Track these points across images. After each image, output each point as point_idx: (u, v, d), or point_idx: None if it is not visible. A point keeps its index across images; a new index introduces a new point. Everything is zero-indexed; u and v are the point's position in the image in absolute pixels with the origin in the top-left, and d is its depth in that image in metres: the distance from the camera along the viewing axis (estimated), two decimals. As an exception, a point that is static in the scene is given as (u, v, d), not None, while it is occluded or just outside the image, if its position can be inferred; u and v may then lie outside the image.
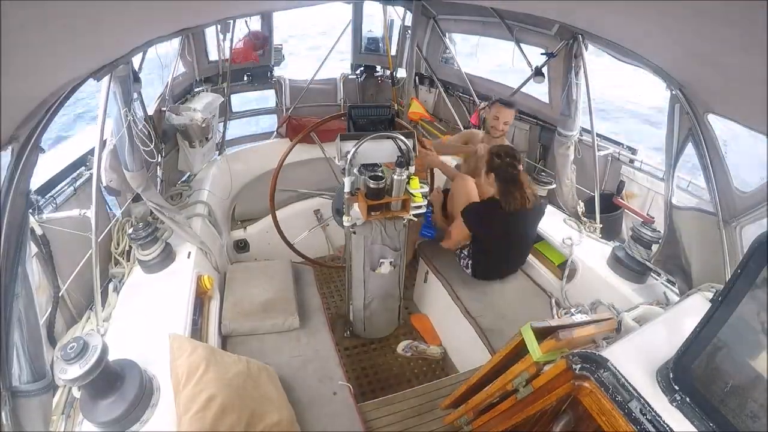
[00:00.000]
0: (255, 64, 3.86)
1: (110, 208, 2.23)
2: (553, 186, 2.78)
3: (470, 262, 2.50)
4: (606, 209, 2.72)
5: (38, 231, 1.63)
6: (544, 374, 1.24)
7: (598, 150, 2.65)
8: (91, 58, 1.20)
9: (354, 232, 2.23)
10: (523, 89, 3.13)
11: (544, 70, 2.84)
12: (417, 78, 4.34)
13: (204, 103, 3.10)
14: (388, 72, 4.45)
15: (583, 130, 2.75)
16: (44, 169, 1.92)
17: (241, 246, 3.32)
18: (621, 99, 12.20)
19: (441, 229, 2.82)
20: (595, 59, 2.59)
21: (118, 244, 2.17)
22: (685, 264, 1.86)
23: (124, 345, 1.59)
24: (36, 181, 1.83)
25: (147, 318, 1.78)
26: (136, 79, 2.03)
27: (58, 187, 1.89)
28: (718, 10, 0.76)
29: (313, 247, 3.30)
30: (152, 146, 2.02)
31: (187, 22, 1.66)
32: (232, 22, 3.30)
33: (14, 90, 0.84)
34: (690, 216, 1.82)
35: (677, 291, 2.00)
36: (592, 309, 2.12)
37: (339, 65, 4.51)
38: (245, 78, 3.92)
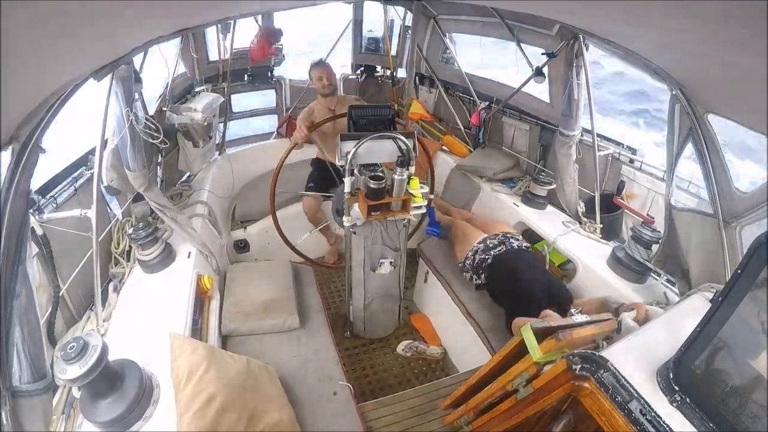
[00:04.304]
0: (257, 64, 3.85)
1: (110, 208, 2.23)
2: (554, 186, 2.78)
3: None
4: (606, 209, 2.71)
5: (39, 231, 1.63)
6: (544, 374, 1.24)
7: (598, 150, 2.65)
8: (91, 58, 1.21)
9: (354, 233, 2.23)
10: (524, 89, 3.12)
11: (545, 70, 2.84)
12: (417, 78, 4.34)
13: (204, 103, 3.09)
14: (388, 72, 4.45)
15: (584, 129, 2.75)
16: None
17: (241, 246, 3.32)
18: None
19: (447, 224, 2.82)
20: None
21: (119, 244, 2.17)
22: (685, 264, 1.85)
23: (124, 345, 1.59)
24: (42, 179, 1.84)
25: (147, 318, 1.78)
26: (138, 79, 2.03)
27: (59, 187, 1.89)
28: (718, 10, 0.76)
29: (313, 248, 3.30)
30: (158, 141, 2.01)
31: (187, 22, 1.66)
32: (232, 22, 3.30)
33: (15, 90, 0.85)
34: (690, 217, 1.82)
35: (677, 291, 2.00)
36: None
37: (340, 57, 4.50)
38: (245, 78, 3.92)
